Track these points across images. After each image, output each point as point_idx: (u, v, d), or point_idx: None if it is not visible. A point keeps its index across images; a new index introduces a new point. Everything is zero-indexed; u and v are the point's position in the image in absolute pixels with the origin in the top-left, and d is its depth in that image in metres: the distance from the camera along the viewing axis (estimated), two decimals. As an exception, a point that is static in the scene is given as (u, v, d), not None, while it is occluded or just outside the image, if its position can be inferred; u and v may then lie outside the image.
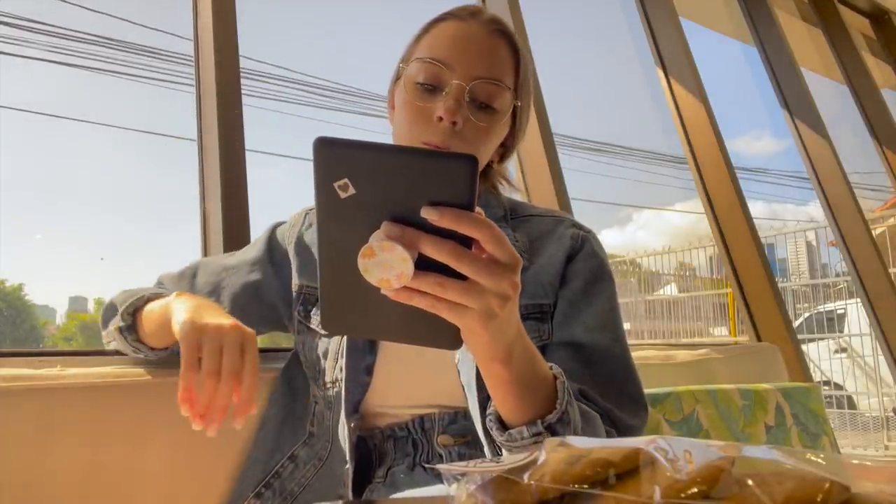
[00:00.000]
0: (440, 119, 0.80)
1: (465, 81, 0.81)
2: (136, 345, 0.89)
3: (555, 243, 0.89)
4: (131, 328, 0.88)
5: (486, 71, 0.82)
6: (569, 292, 0.86)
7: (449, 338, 0.55)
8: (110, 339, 0.92)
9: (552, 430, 0.64)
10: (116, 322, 0.88)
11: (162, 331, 0.81)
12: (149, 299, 0.87)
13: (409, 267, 0.48)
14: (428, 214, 0.47)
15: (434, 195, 0.48)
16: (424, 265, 0.50)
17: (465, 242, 0.50)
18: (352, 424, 0.83)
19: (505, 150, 0.93)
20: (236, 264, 0.99)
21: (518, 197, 1.00)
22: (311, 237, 0.95)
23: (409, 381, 0.86)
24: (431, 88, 0.82)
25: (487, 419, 0.68)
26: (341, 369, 0.85)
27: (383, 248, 0.48)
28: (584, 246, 0.90)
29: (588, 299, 0.86)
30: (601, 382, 0.80)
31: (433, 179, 0.48)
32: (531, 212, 0.95)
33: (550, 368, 0.68)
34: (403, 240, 0.48)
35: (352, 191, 0.48)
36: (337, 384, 0.86)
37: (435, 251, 0.49)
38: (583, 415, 0.72)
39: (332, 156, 0.48)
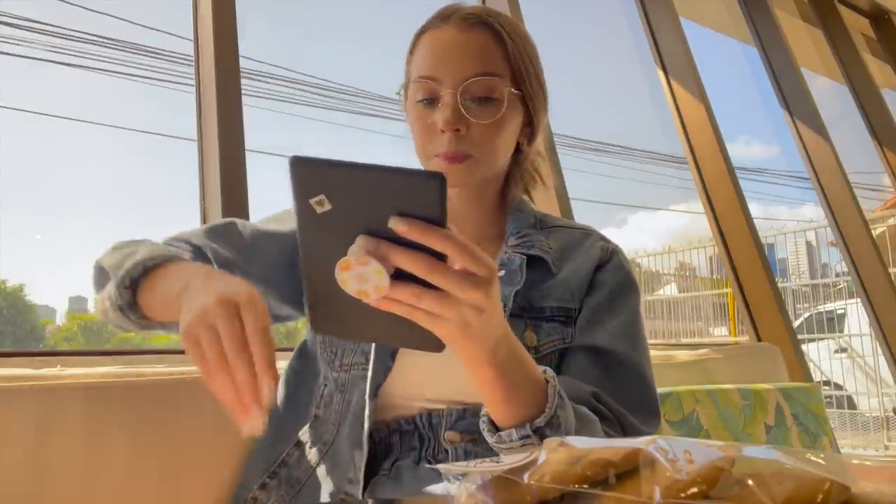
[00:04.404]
0: (443, 131, 0.83)
1: (454, 89, 0.83)
2: (141, 323, 0.75)
3: (584, 254, 0.92)
4: (132, 305, 0.74)
5: (470, 70, 0.83)
6: (594, 300, 0.89)
7: (433, 341, 0.57)
8: (103, 308, 0.77)
9: (541, 434, 0.66)
10: (113, 297, 0.73)
11: (168, 309, 0.70)
12: (147, 266, 0.73)
13: (385, 279, 0.50)
14: (395, 225, 0.49)
15: (405, 210, 0.50)
16: (406, 275, 0.52)
17: (442, 256, 0.52)
18: (371, 407, 0.84)
19: (531, 130, 0.93)
20: (272, 233, 0.92)
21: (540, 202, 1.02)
22: None
23: (426, 373, 0.86)
24: (430, 101, 0.85)
25: (481, 420, 0.70)
26: (363, 353, 0.86)
27: (359, 262, 0.50)
28: (612, 258, 0.92)
29: (612, 308, 0.88)
30: (616, 387, 0.82)
31: (404, 196, 0.49)
32: (559, 223, 0.98)
33: (544, 372, 0.69)
34: (378, 253, 0.50)
35: (328, 206, 0.50)
36: (357, 366, 0.87)
37: (408, 264, 0.51)
38: (580, 418, 0.73)
39: (307, 174, 0.49)
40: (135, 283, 0.74)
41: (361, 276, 0.51)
